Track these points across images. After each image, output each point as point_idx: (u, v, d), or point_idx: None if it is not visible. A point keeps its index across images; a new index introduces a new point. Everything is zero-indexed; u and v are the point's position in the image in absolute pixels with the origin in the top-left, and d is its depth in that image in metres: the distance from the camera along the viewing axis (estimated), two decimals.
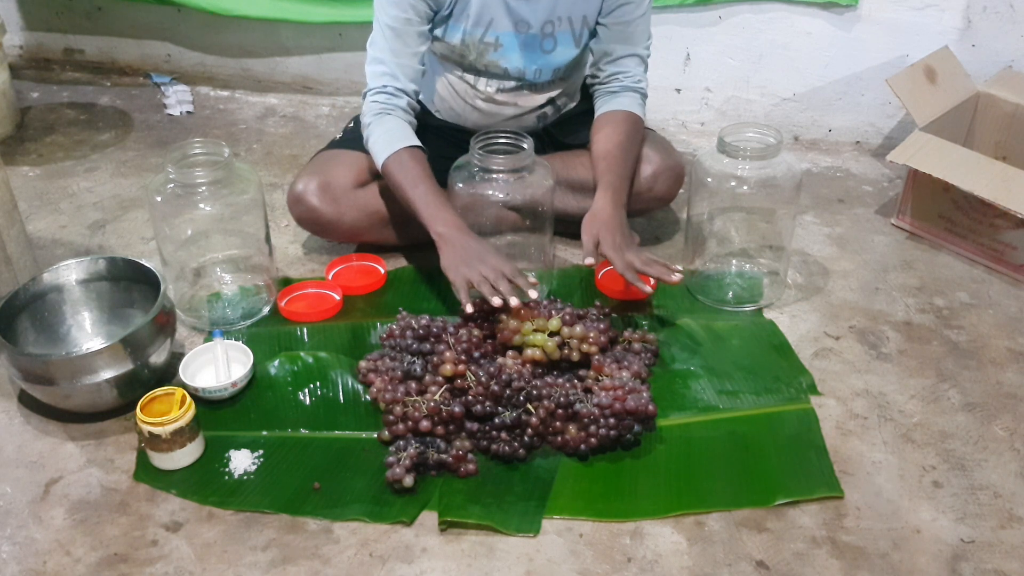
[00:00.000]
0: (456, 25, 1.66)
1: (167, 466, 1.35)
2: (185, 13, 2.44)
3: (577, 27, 1.68)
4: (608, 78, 1.73)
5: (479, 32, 1.66)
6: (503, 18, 1.64)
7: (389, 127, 1.61)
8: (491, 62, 1.70)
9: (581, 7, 1.66)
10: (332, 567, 1.22)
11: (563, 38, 1.68)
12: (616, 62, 1.71)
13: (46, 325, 1.55)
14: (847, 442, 1.41)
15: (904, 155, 1.82)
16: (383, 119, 1.62)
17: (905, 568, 1.22)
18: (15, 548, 1.25)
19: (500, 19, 1.65)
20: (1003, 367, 1.57)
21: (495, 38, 1.66)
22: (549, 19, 1.65)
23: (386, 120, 1.62)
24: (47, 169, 2.17)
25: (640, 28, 1.70)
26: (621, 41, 1.70)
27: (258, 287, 1.70)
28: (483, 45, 1.67)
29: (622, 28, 1.68)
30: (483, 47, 1.68)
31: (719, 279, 1.75)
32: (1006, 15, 2.07)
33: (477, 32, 1.66)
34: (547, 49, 1.69)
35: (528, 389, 1.37)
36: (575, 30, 1.68)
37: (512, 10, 1.64)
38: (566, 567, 1.22)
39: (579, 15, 1.67)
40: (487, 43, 1.67)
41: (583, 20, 1.67)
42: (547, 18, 1.65)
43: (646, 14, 1.69)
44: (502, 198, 1.60)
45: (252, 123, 2.39)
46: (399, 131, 1.61)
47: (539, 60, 1.69)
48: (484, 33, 1.66)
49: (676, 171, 1.78)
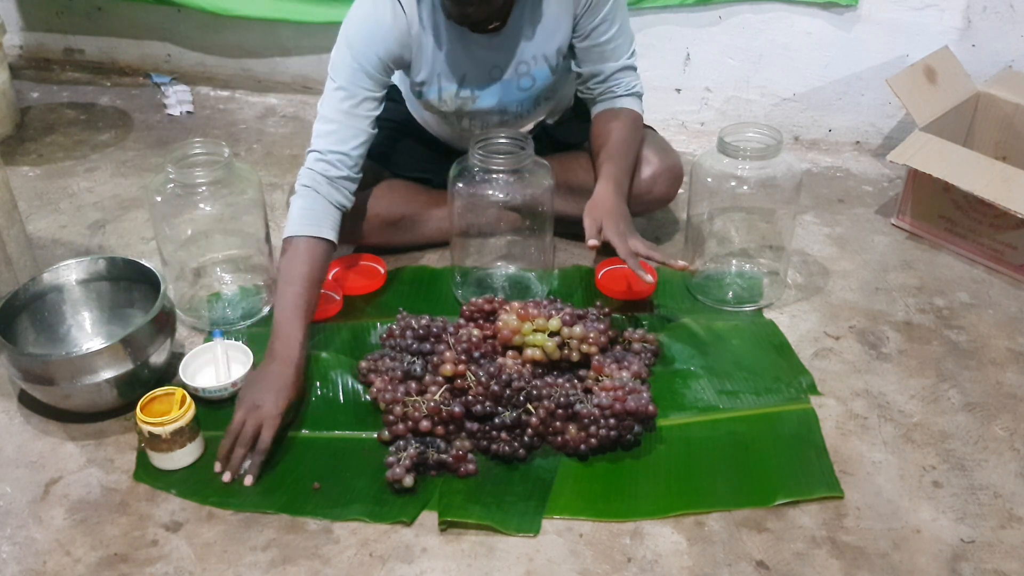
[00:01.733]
0: (430, 88, 1.64)
1: (167, 466, 1.35)
2: (185, 13, 2.44)
3: (552, 61, 1.65)
4: (603, 93, 1.71)
5: (453, 88, 1.64)
6: (473, 71, 1.63)
7: (309, 207, 1.53)
8: (471, 111, 1.69)
9: (554, 42, 1.63)
10: (332, 567, 1.22)
11: (540, 74, 1.66)
12: (607, 79, 1.69)
13: (46, 325, 1.55)
14: (847, 442, 1.41)
15: (904, 155, 1.82)
16: (309, 195, 1.54)
17: (905, 568, 1.22)
18: (15, 548, 1.25)
19: (471, 73, 1.63)
20: (1003, 367, 1.57)
21: (470, 92, 1.65)
22: (522, 61, 1.63)
23: (311, 197, 1.54)
24: (47, 169, 2.17)
25: (620, 42, 1.67)
26: (605, 60, 1.67)
27: (258, 287, 1.70)
28: (460, 100, 1.66)
29: (602, 49, 1.66)
30: (461, 101, 1.66)
31: (719, 279, 1.75)
32: (1006, 15, 2.07)
33: (451, 88, 1.64)
34: (524, 87, 1.67)
35: (528, 389, 1.37)
36: (551, 63, 1.65)
37: (481, 62, 1.62)
38: (566, 567, 1.22)
39: (552, 50, 1.63)
40: (463, 97, 1.66)
41: (557, 52, 1.64)
42: (520, 60, 1.63)
43: (622, 26, 1.66)
44: (502, 198, 1.60)
45: (252, 123, 2.39)
46: (316, 215, 1.53)
47: (518, 95, 1.68)
48: (459, 89, 1.64)
49: (675, 172, 1.78)
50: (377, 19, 1.54)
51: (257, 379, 1.39)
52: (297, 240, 1.51)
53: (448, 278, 1.74)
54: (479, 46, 1.60)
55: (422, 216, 1.80)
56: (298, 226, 1.52)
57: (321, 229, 1.53)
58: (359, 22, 1.56)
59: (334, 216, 1.56)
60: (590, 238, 1.52)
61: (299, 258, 1.50)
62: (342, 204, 1.58)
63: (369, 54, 1.54)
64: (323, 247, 1.53)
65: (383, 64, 1.56)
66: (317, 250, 1.52)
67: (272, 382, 1.37)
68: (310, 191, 1.55)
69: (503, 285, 1.72)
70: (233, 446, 1.33)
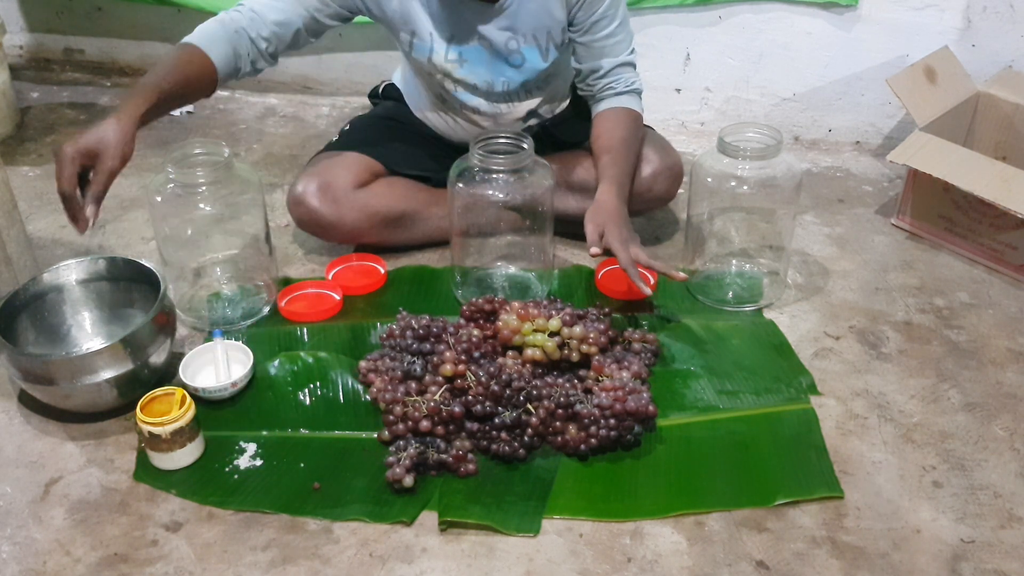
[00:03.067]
0: (421, 43, 1.66)
1: (167, 466, 1.35)
2: (185, 13, 2.43)
3: (543, 42, 1.66)
4: (602, 89, 1.72)
5: (442, 48, 1.65)
6: (461, 33, 1.64)
7: (209, 28, 1.56)
8: (460, 79, 1.70)
9: (544, 22, 1.64)
10: (332, 567, 1.22)
11: (530, 54, 1.67)
12: (607, 75, 1.70)
13: (46, 325, 1.55)
14: (847, 442, 1.41)
15: (904, 155, 1.82)
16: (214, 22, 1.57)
17: (905, 568, 1.22)
18: (15, 548, 1.25)
19: (460, 33, 1.64)
20: (1003, 367, 1.57)
21: (458, 54, 1.66)
22: (512, 35, 1.64)
23: (214, 24, 1.57)
24: (47, 169, 2.17)
25: (620, 38, 1.67)
26: (605, 56, 1.67)
27: (258, 287, 1.70)
28: (449, 63, 1.67)
29: (602, 44, 1.66)
30: (449, 65, 1.67)
31: (719, 279, 1.75)
32: (1006, 15, 2.07)
33: (440, 49, 1.65)
34: (515, 64, 1.68)
35: (528, 389, 1.37)
36: (541, 45, 1.66)
37: (470, 25, 1.63)
38: (566, 567, 1.22)
39: (543, 30, 1.64)
40: (451, 60, 1.66)
41: (547, 35, 1.65)
42: (509, 34, 1.64)
43: (623, 22, 1.67)
44: (502, 198, 1.60)
45: (252, 123, 2.39)
46: (209, 34, 1.55)
47: (506, 73, 1.69)
48: (447, 49, 1.65)
49: (675, 171, 1.78)
50: None
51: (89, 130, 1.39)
52: (183, 44, 1.53)
53: (448, 278, 1.74)
54: (471, 11, 1.62)
55: (422, 214, 1.80)
56: (192, 37, 1.54)
57: (210, 48, 1.54)
58: None
59: (226, 50, 1.56)
60: (592, 245, 1.53)
61: (177, 55, 1.52)
62: (238, 53, 1.58)
63: None
64: (204, 60, 1.53)
65: None
66: (197, 58, 1.52)
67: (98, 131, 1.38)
68: (218, 22, 1.57)
69: (503, 285, 1.72)
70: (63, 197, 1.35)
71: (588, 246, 1.53)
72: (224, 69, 1.56)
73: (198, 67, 1.53)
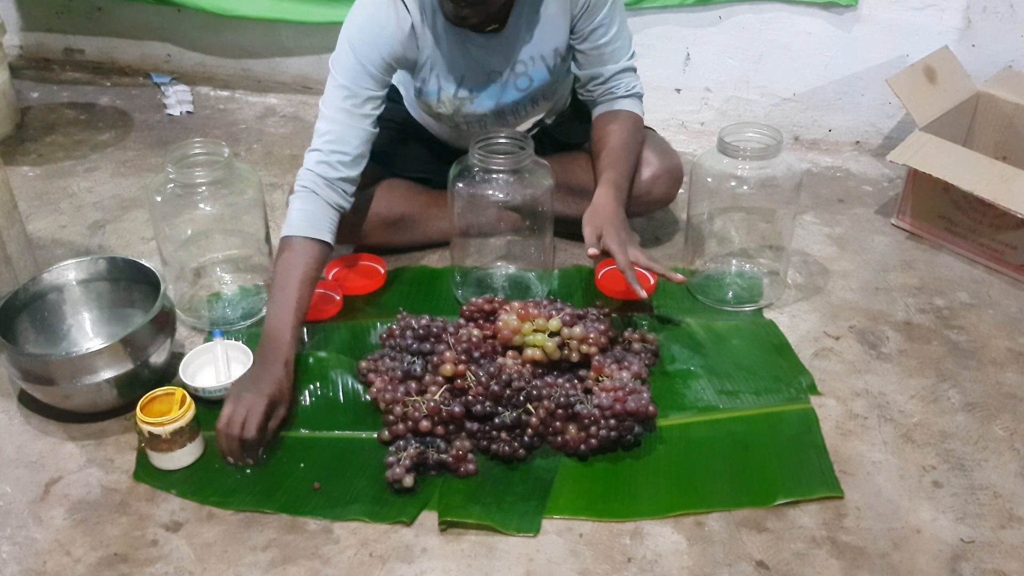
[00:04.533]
0: (429, 88, 1.65)
1: (167, 466, 1.35)
2: (185, 13, 2.44)
3: (550, 62, 1.65)
4: (603, 95, 1.71)
5: (451, 88, 1.64)
6: (471, 71, 1.63)
7: (308, 207, 1.53)
8: (468, 114, 1.69)
9: (551, 43, 1.63)
10: (332, 567, 1.22)
11: (537, 75, 1.66)
12: (607, 81, 1.69)
13: (46, 325, 1.55)
14: (847, 442, 1.41)
15: (904, 155, 1.82)
16: (308, 196, 1.54)
17: (905, 568, 1.22)
18: (15, 548, 1.25)
19: (469, 74, 1.63)
20: (1003, 367, 1.57)
21: (468, 93, 1.65)
22: (520, 61, 1.63)
23: (310, 198, 1.54)
24: (47, 169, 2.17)
25: (620, 44, 1.67)
26: (605, 62, 1.67)
27: (258, 287, 1.70)
28: (458, 100, 1.66)
29: (601, 51, 1.65)
30: (459, 102, 1.67)
31: (719, 279, 1.75)
32: (1006, 15, 2.07)
33: (449, 88, 1.64)
34: (521, 88, 1.67)
35: (528, 389, 1.37)
36: (548, 64, 1.65)
37: (480, 63, 1.62)
38: (566, 567, 1.22)
39: (550, 51, 1.64)
40: (461, 98, 1.66)
41: (555, 53, 1.64)
42: (518, 61, 1.63)
43: (621, 28, 1.66)
44: (502, 198, 1.60)
45: (252, 123, 2.39)
46: (314, 216, 1.53)
47: (515, 96, 1.68)
48: (457, 89, 1.64)
49: (675, 173, 1.78)
50: (380, 20, 1.54)
51: (244, 378, 1.40)
52: (294, 240, 1.51)
53: (448, 278, 1.74)
54: (477, 47, 1.60)
55: (422, 216, 1.80)
56: (295, 227, 1.52)
57: (319, 231, 1.53)
58: (362, 22, 1.55)
59: (332, 218, 1.56)
60: (590, 246, 1.53)
61: (295, 259, 1.50)
62: (340, 205, 1.57)
63: (372, 55, 1.54)
64: (319, 249, 1.53)
65: (386, 64, 1.56)
66: (313, 251, 1.52)
67: (257, 379, 1.38)
68: (308, 192, 1.54)
69: (503, 285, 1.72)
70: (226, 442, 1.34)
71: (586, 248, 1.53)
72: (334, 235, 1.56)
73: (316, 260, 1.52)
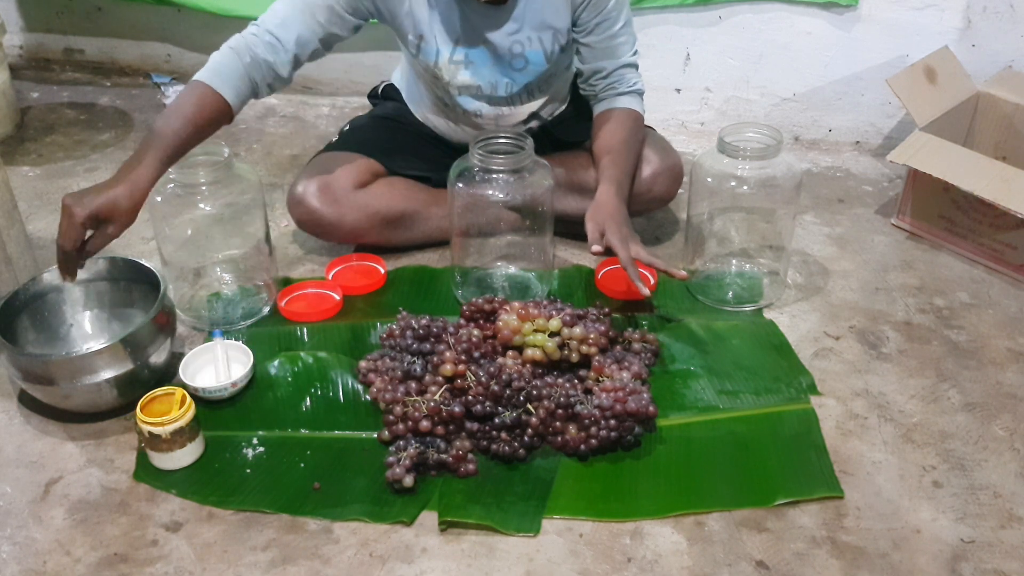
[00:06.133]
0: (428, 46, 1.65)
1: (167, 466, 1.35)
2: (185, 13, 2.44)
3: (548, 44, 1.66)
4: (604, 89, 1.72)
5: (448, 51, 1.65)
6: (467, 35, 1.64)
7: (225, 62, 1.54)
8: (463, 81, 1.69)
9: (549, 23, 1.64)
10: (332, 567, 1.22)
11: (534, 56, 1.67)
12: (609, 76, 1.70)
13: (46, 325, 1.55)
14: (847, 442, 1.41)
15: (904, 155, 1.82)
16: (231, 55, 1.55)
17: (905, 568, 1.22)
18: (15, 548, 1.25)
19: (466, 37, 1.64)
20: (1003, 367, 1.57)
21: (464, 55, 1.66)
22: (517, 40, 1.64)
23: (231, 57, 1.54)
24: (47, 169, 2.17)
25: (624, 39, 1.68)
26: (608, 57, 1.68)
27: (258, 287, 1.70)
28: (453, 65, 1.67)
29: (606, 45, 1.66)
30: (454, 67, 1.67)
31: (719, 279, 1.75)
32: (1006, 15, 2.07)
33: (446, 51, 1.65)
34: (518, 67, 1.68)
35: (528, 389, 1.37)
36: (545, 48, 1.66)
37: (476, 31, 1.63)
38: (566, 567, 1.22)
39: (548, 33, 1.64)
40: (457, 61, 1.66)
41: (553, 38, 1.65)
42: (514, 38, 1.64)
43: (626, 24, 1.67)
44: (502, 198, 1.60)
45: (252, 123, 2.39)
46: (224, 74, 1.53)
47: (509, 75, 1.69)
48: (453, 51, 1.65)
49: (675, 172, 1.78)
50: None
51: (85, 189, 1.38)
52: (197, 84, 1.51)
53: (448, 278, 1.74)
54: (477, 15, 1.61)
55: (422, 214, 1.80)
56: (204, 74, 1.52)
57: (223, 86, 1.52)
58: None
59: (241, 83, 1.55)
60: (593, 243, 1.53)
61: (190, 99, 1.49)
62: (254, 80, 1.57)
63: None
64: (219, 100, 1.52)
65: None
66: (211, 100, 1.51)
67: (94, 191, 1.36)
68: (233, 53, 1.55)
69: (503, 285, 1.72)
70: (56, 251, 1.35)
71: (589, 244, 1.53)
72: (239, 102, 1.55)
73: (211, 110, 1.51)
